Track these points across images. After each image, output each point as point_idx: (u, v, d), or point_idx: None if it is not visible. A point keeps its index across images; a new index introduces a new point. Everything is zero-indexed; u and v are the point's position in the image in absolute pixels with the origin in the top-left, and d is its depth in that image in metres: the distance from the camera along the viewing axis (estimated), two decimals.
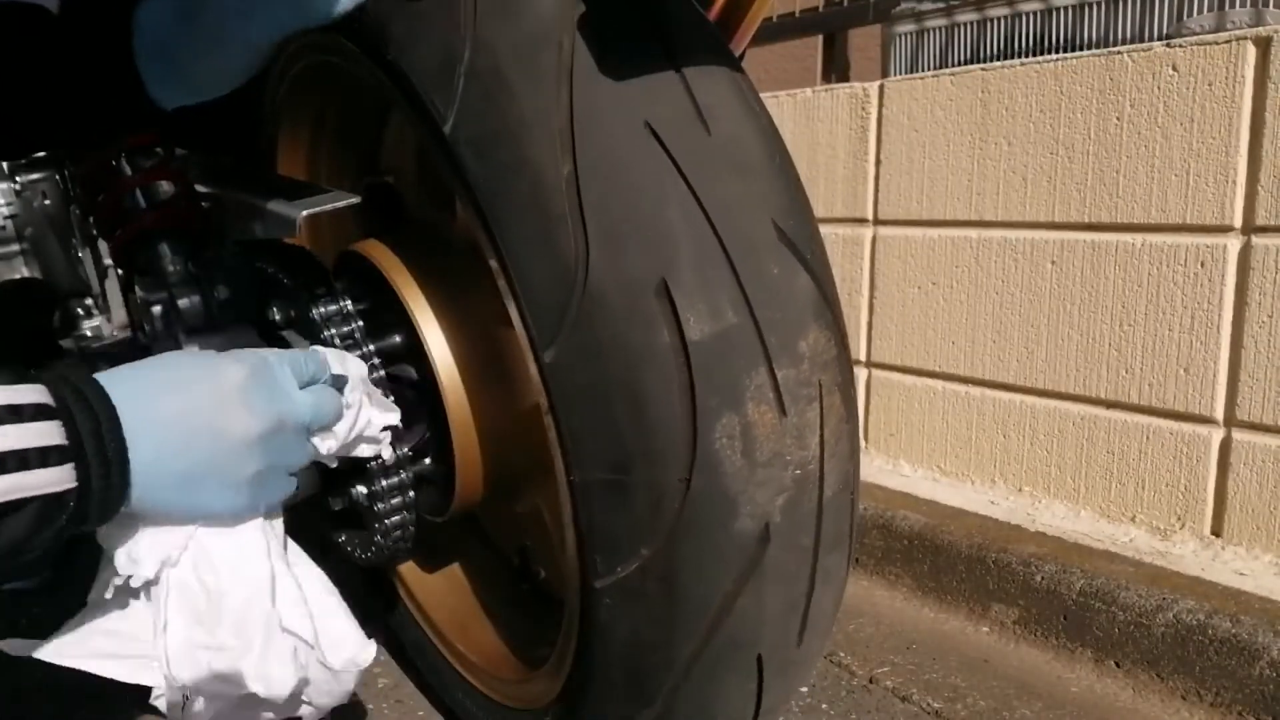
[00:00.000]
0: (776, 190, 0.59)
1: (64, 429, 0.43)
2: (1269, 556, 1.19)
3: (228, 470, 0.49)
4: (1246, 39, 1.16)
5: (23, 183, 0.83)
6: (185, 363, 0.51)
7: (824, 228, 1.68)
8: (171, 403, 0.48)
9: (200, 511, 0.49)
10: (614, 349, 0.55)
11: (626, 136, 0.55)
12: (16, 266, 0.85)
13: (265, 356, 0.54)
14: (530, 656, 0.86)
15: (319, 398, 0.55)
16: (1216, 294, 1.20)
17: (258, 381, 0.51)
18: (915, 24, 3.85)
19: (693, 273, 0.54)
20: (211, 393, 0.49)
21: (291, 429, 0.53)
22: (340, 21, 0.63)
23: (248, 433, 0.50)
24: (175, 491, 0.47)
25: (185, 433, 0.47)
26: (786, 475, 0.57)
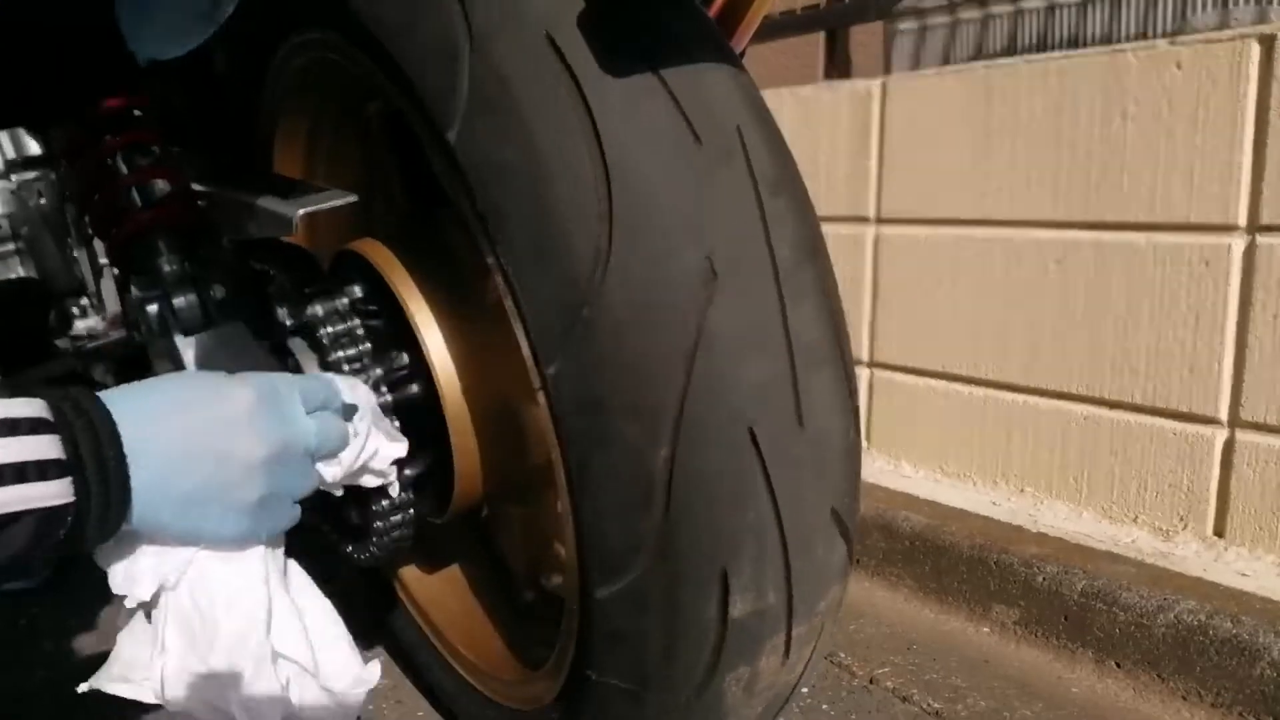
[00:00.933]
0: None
1: (63, 443, 0.42)
2: (1271, 557, 1.19)
3: (231, 495, 0.48)
4: (1251, 37, 1.15)
5: (18, 181, 0.83)
6: (192, 383, 0.51)
7: (825, 226, 1.66)
8: (176, 423, 0.47)
9: (201, 535, 0.49)
10: None
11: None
12: (12, 266, 0.84)
13: (274, 381, 0.53)
14: (530, 657, 0.85)
15: (325, 424, 0.55)
16: (1221, 293, 1.20)
17: (265, 406, 0.51)
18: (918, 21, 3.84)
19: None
20: (218, 415, 0.49)
21: (297, 455, 0.52)
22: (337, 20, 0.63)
23: (252, 457, 0.49)
24: (176, 514, 0.47)
25: (189, 454, 0.47)
26: None
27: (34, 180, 0.84)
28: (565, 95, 0.54)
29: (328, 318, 0.72)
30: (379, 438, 0.60)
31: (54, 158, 0.83)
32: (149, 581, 0.48)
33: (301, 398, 0.54)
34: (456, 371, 0.77)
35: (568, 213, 0.54)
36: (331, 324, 0.72)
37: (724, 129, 0.57)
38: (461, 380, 0.77)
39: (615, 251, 0.53)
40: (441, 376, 0.76)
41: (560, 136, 0.54)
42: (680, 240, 0.54)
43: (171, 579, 0.48)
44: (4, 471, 0.40)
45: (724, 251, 0.54)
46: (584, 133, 0.54)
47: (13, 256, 0.85)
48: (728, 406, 0.54)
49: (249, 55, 0.88)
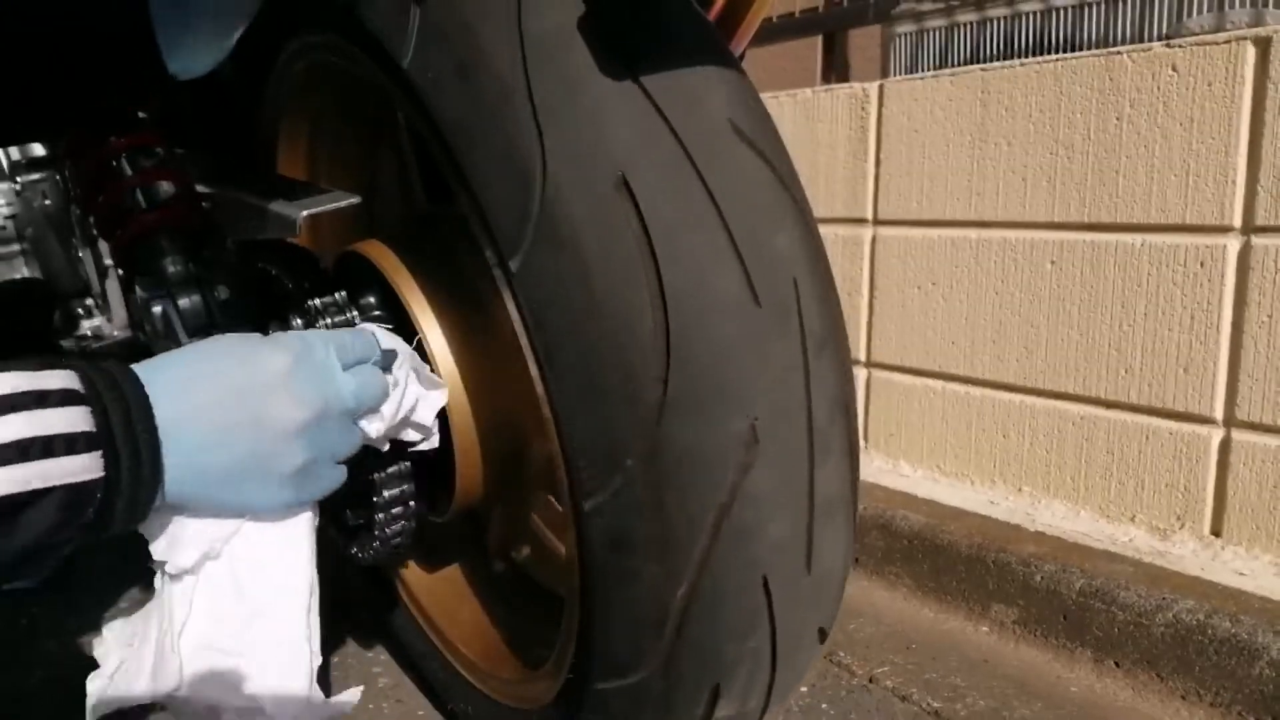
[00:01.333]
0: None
1: (93, 415, 0.40)
2: (1269, 556, 1.19)
3: (271, 465, 0.47)
4: (1246, 39, 1.16)
5: (23, 183, 0.83)
6: (225, 350, 0.48)
7: (823, 228, 1.68)
8: (211, 393, 0.45)
9: (247, 506, 0.47)
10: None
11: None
12: (17, 266, 0.84)
13: (309, 340, 0.51)
14: (530, 656, 0.86)
15: (364, 379, 0.53)
16: (1216, 294, 1.21)
17: (301, 367, 0.49)
18: (915, 24, 3.86)
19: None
20: (252, 382, 0.47)
21: (337, 415, 0.50)
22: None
23: (291, 423, 0.47)
24: (218, 487, 0.45)
25: (226, 425, 0.45)
26: None
27: (39, 182, 0.84)
28: (633, 243, 0.53)
29: (331, 318, 0.73)
30: (418, 387, 0.58)
31: (59, 160, 0.84)
32: (193, 549, 0.46)
33: (337, 353, 0.52)
34: (458, 371, 0.77)
35: (628, 364, 0.54)
36: (334, 323, 0.73)
37: (781, 284, 0.57)
38: (463, 380, 0.77)
39: (668, 411, 0.54)
40: (444, 375, 0.76)
41: (625, 285, 0.53)
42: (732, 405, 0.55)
43: (217, 548, 0.46)
44: (30, 445, 0.38)
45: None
46: (649, 284, 0.53)
47: (18, 257, 0.85)
48: (748, 557, 0.57)
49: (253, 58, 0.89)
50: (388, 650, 1.11)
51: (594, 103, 0.54)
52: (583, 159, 0.54)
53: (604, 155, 0.53)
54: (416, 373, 0.59)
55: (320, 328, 0.71)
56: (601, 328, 0.54)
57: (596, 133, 0.54)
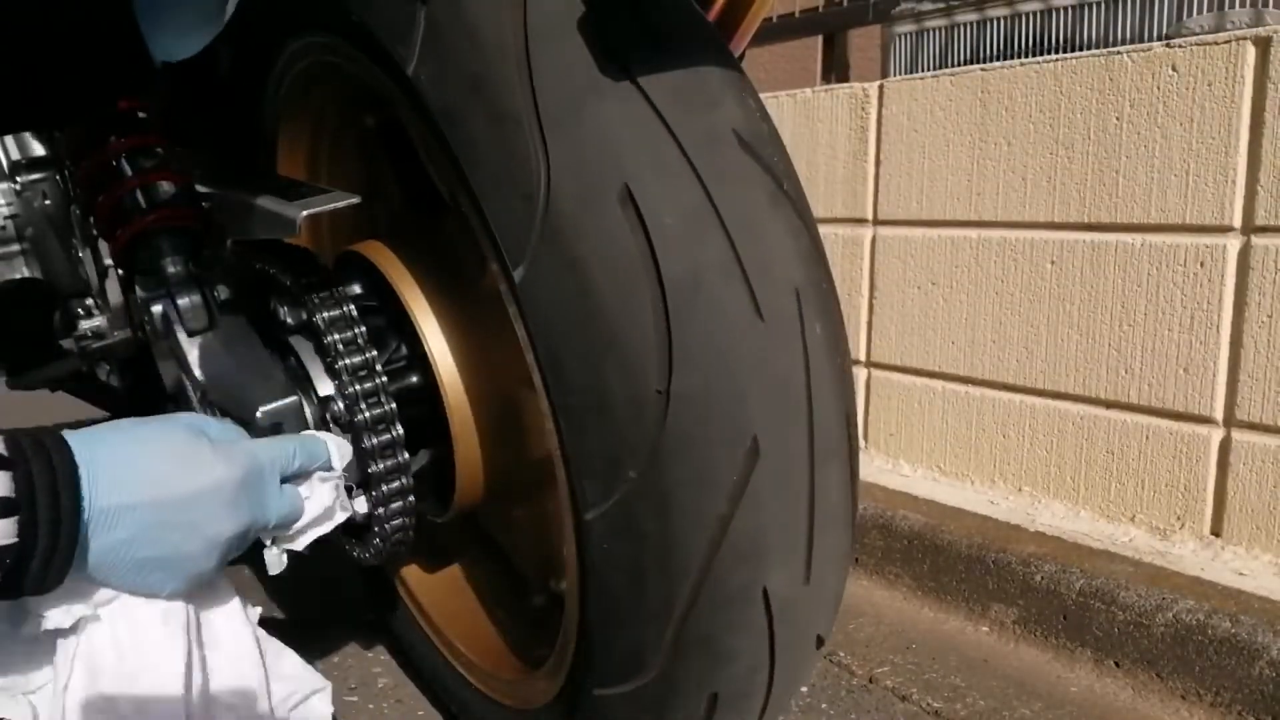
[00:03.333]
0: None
1: (13, 481, 0.41)
2: (1268, 556, 1.19)
3: (188, 564, 0.49)
4: (1246, 39, 1.16)
5: (23, 183, 0.83)
6: (179, 447, 0.49)
7: (823, 228, 1.68)
8: (155, 489, 0.47)
9: (143, 591, 0.48)
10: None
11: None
12: (17, 266, 0.84)
13: (257, 455, 0.53)
14: (530, 656, 0.86)
15: (289, 505, 0.55)
16: (1216, 294, 1.21)
17: (246, 487, 0.51)
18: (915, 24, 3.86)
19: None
20: (199, 488, 0.48)
21: (255, 530, 0.53)
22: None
23: (221, 534, 0.50)
24: (130, 573, 0.47)
25: (162, 522, 0.47)
26: None
27: (39, 182, 0.84)
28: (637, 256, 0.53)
29: (331, 318, 0.73)
30: (334, 510, 0.60)
31: (59, 160, 0.84)
32: (76, 609, 0.47)
33: (280, 470, 0.54)
34: (458, 371, 0.77)
35: (629, 375, 0.54)
36: (334, 324, 0.73)
37: (784, 297, 0.57)
38: (463, 380, 0.77)
39: (669, 422, 0.54)
40: (444, 376, 0.77)
41: (626, 295, 0.54)
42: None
43: (93, 612, 0.47)
44: None
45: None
46: (652, 296, 0.53)
47: (18, 257, 0.85)
48: (748, 568, 0.57)
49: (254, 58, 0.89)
50: (388, 650, 1.11)
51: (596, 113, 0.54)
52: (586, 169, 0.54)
53: (608, 166, 0.54)
54: (340, 495, 0.61)
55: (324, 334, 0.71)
56: (603, 337, 0.54)
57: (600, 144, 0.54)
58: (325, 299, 0.73)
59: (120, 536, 0.45)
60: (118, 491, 0.45)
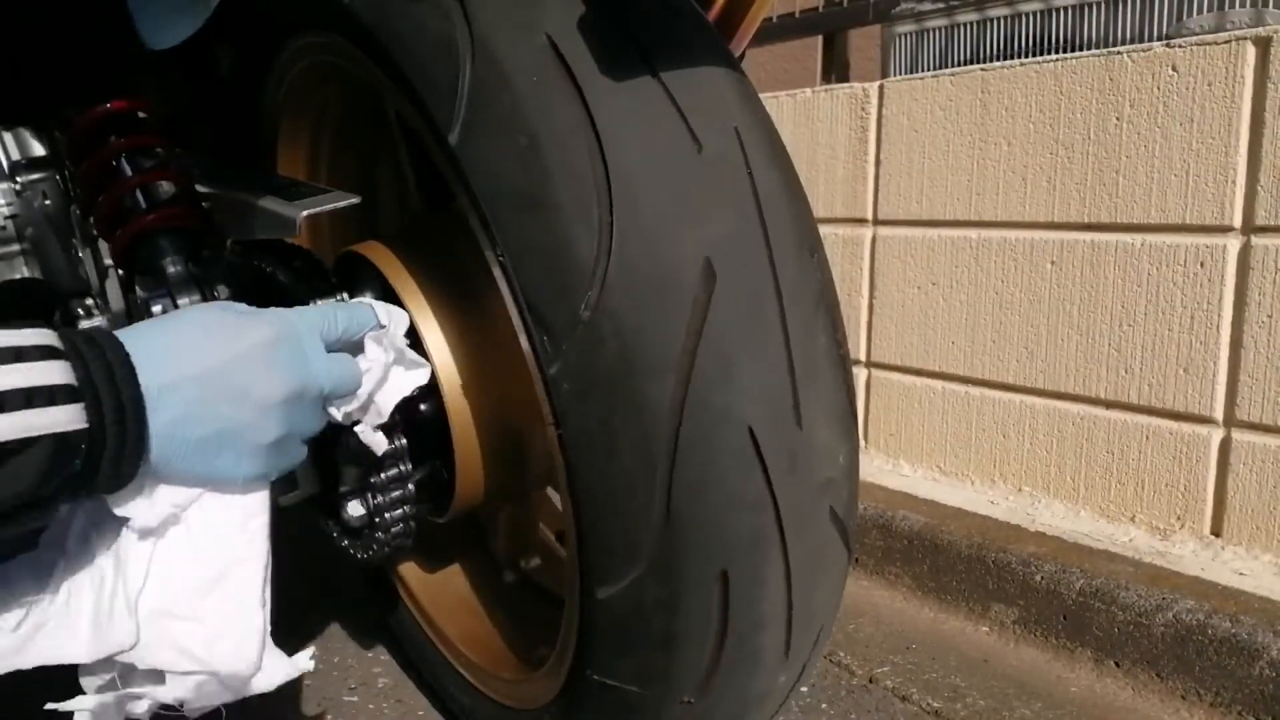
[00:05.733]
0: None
1: (73, 369, 0.40)
2: (1269, 556, 1.19)
3: (249, 436, 0.47)
4: (1246, 39, 1.16)
5: (23, 183, 0.83)
6: (210, 320, 0.49)
7: (824, 228, 1.68)
8: (194, 363, 0.45)
9: (216, 477, 0.47)
10: None
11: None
12: (17, 266, 0.84)
13: (293, 320, 0.52)
14: (530, 656, 0.86)
15: (341, 368, 0.54)
16: (1216, 294, 1.21)
17: (284, 345, 0.50)
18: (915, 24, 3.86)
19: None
20: (236, 354, 0.47)
21: (311, 396, 0.51)
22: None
23: (270, 397, 0.48)
24: (194, 456, 0.45)
25: (209, 396, 0.45)
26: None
27: (39, 182, 0.84)
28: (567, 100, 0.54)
29: None
30: (396, 373, 0.59)
31: (59, 160, 0.84)
32: (162, 508, 0.45)
33: (320, 333, 0.53)
34: (458, 371, 0.77)
35: (569, 213, 0.55)
36: None
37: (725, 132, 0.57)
38: (463, 380, 0.77)
39: (615, 254, 0.53)
40: (443, 376, 0.77)
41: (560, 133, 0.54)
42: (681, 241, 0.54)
43: (176, 513, 0.46)
44: (8, 397, 0.38)
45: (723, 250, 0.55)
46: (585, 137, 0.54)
47: (17, 257, 0.85)
48: (725, 404, 0.54)
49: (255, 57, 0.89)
50: (388, 650, 1.11)
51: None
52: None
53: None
54: (400, 359, 0.60)
55: None
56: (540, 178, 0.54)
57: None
58: (324, 298, 0.73)
59: (171, 416, 0.44)
60: (159, 372, 0.44)
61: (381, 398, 0.59)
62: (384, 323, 0.59)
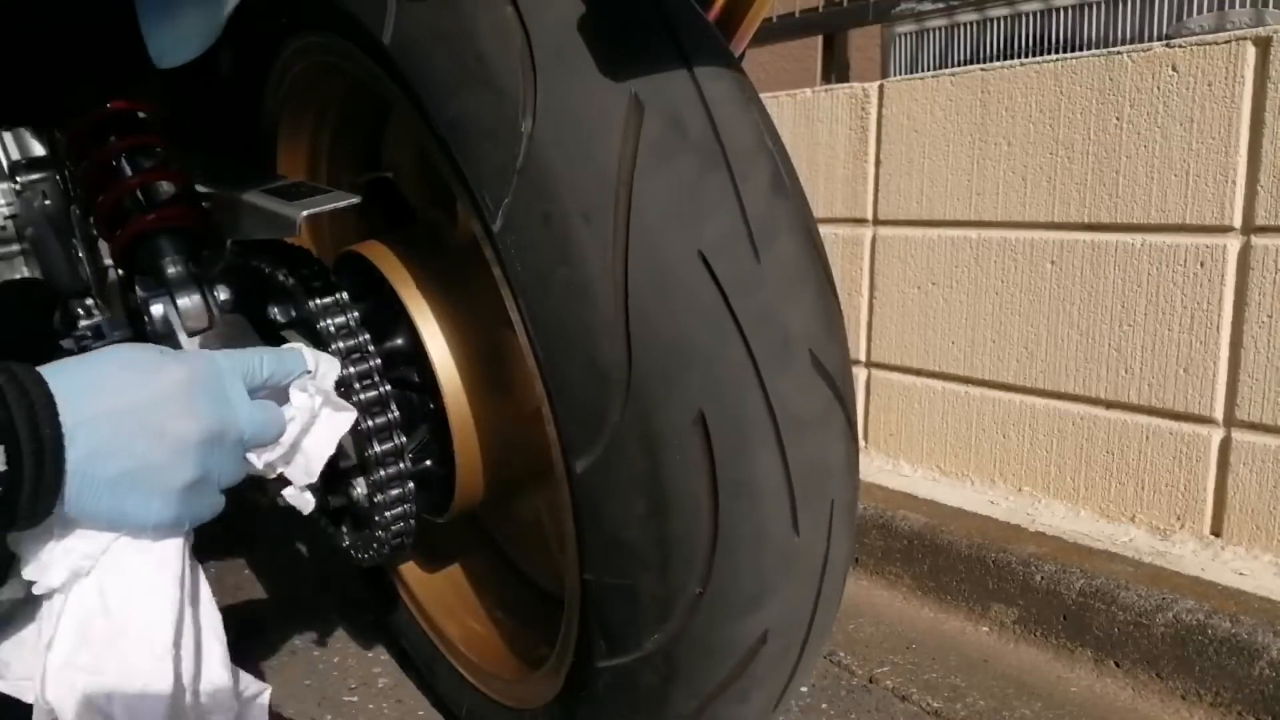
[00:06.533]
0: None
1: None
2: (1269, 556, 1.19)
3: (161, 476, 0.47)
4: (1246, 39, 1.16)
5: (23, 183, 0.83)
6: (129, 359, 0.49)
7: (824, 228, 1.68)
8: (112, 399, 0.45)
9: (126, 520, 0.47)
10: None
11: None
12: (17, 266, 0.85)
13: (214, 359, 0.52)
14: (530, 656, 0.86)
15: (263, 414, 0.53)
16: (1216, 294, 1.21)
17: (202, 384, 0.49)
18: (915, 24, 3.85)
19: None
20: (154, 392, 0.47)
21: (230, 441, 0.51)
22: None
23: (186, 437, 0.47)
24: (105, 495, 0.45)
25: (123, 432, 0.45)
26: None
27: (39, 182, 0.84)
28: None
29: (330, 317, 0.73)
30: (322, 418, 0.58)
31: (59, 160, 0.84)
32: (62, 566, 0.45)
33: (242, 377, 0.52)
34: (458, 371, 0.77)
35: None
36: (334, 323, 0.73)
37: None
38: (463, 380, 0.77)
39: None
40: (443, 376, 0.77)
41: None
42: None
43: (85, 566, 0.46)
44: None
45: None
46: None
47: (17, 257, 0.85)
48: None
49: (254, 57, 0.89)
50: (388, 650, 1.11)
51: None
52: None
53: None
54: (329, 406, 0.59)
55: (323, 333, 0.71)
56: None
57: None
58: (324, 300, 0.73)
59: (85, 452, 0.44)
60: (77, 409, 0.44)
61: (311, 447, 0.58)
62: (310, 369, 0.58)
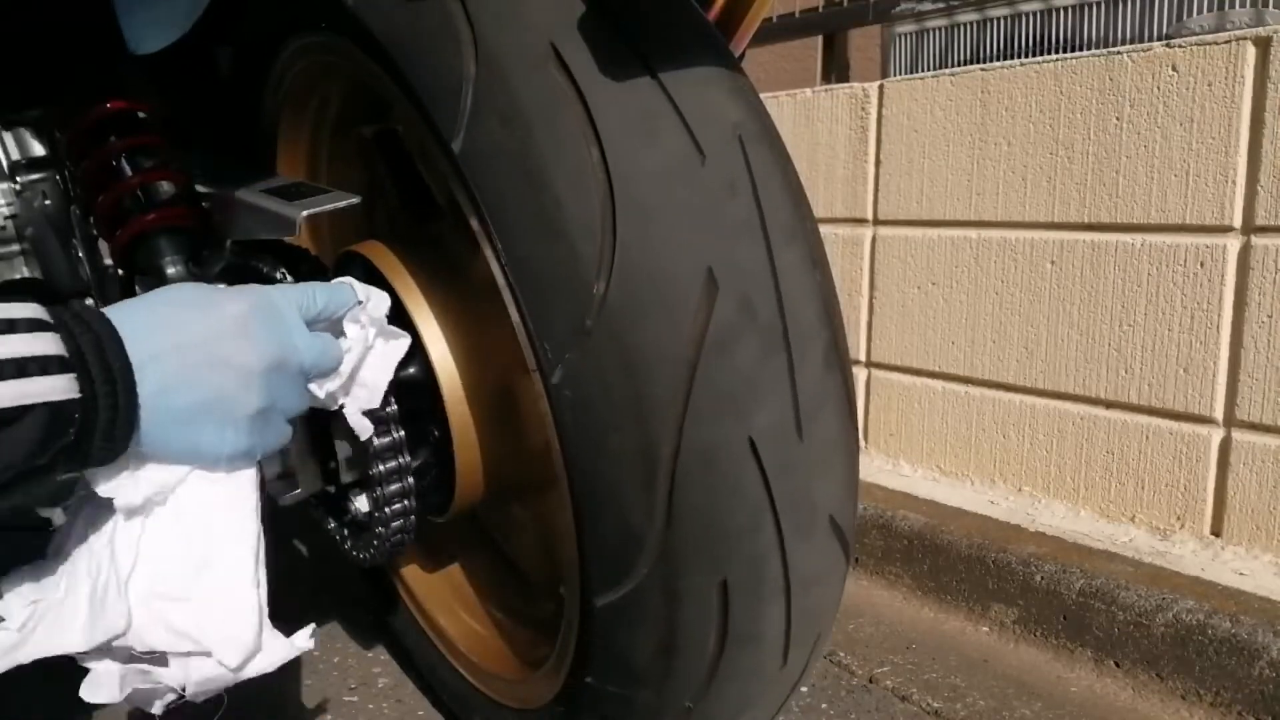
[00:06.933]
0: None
1: (63, 341, 0.41)
2: (1269, 556, 1.19)
3: (230, 406, 0.48)
4: (1246, 39, 1.16)
5: (23, 183, 0.83)
6: (188, 296, 0.50)
7: (824, 228, 1.68)
8: (173, 336, 0.46)
9: (201, 451, 0.47)
10: None
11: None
12: (17, 266, 0.85)
13: (269, 294, 0.53)
14: (530, 656, 0.86)
15: (321, 343, 0.55)
16: (1216, 294, 1.21)
17: (261, 315, 0.50)
18: (915, 24, 3.86)
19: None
20: (214, 326, 0.48)
21: (292, 370, 0.52)
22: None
23: (250, 366, 0.48)
24: (178, 428, 0.46)
25: (190, 365, 0.46)
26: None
27: (39, 182, 0.84)
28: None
29: None
30: (377, 347, 0.59)
31: (59, 160, 0.84)
32: (145, 487, 0.46)
33: (298, 308, 0.53)
34: (458, 372, 0.77)
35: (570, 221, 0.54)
36: None
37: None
38: (463, 380, 0.77)
39: (618, 266, 0.53)
40: (443, 376, 0.77)
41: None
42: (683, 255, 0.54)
43: (161, 496, 0.46)
44: (2, 366, 0.38)
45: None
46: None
47: (18, 257, 0.85)
48: (728, 416, 0.55)
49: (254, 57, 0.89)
50: (388, 650, 1.11)
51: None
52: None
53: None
54: (382, 335, 0.60)
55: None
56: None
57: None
58: None
59: (156, 386, 0.44)
60: (144, 344, 0.44)
61: (369, 376, 0.59)
62: (362, 300, 0.59)
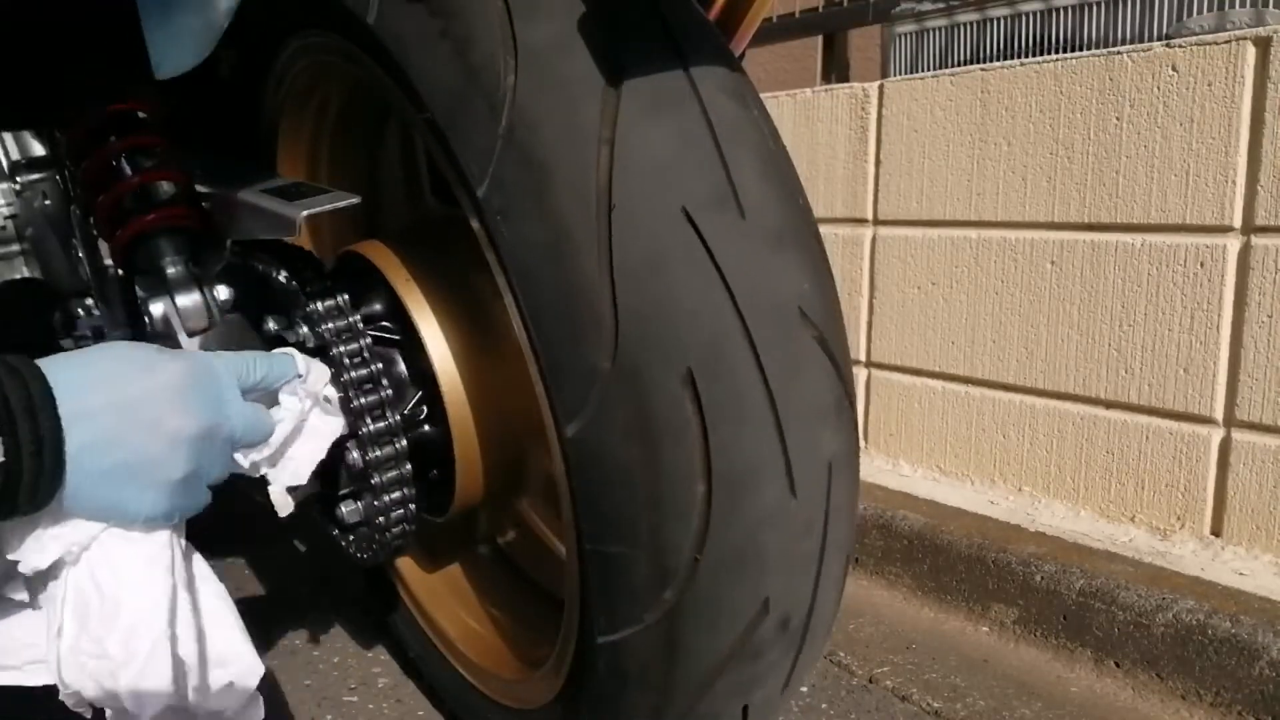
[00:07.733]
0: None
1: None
2: (1269, 556, 1.19)
3: (156, 469, 0.48)
4: (1246, 39, 1.16)
5: (23, 183, 0.83)
6: (125, 355, 0.50)
7: (824, 228, 1.68)
8: (111, 393, 0.47)
9: (119, 511, 0.48)
10: None
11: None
12: (17, 266, 0.85)
13: (209, 359, 0.53)
14: (530, 656, 0.86)
15: (253, 413, 0.55)
16: (1216, 294, 1.21)
17: (198, 381, 0.51)
18: (915, 24, 3.86)
19: None
20: (152, 387, 0.48)
21: (220, 438, 0.52)
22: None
23: (181, 431, 0.49)
24: (101, 487, 0.46)
25: (121, 425, 0.46)
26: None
27: (39, 182, 0.84)
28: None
29: (330, 318, 0.73)
30: (311, 423, 0.59)
31: (59, 160, 0.84)
32: (52, 550, 0.47)
33: (236, 377, 0.54)
34: (458, 371, 0.77)
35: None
36: (333, 324, 0.73)
37: None
38: (463, 380, 0.77)
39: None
40: (443, 376, 0.77)
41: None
42: None
43: (75, 553, 0.47)
44: None
45: None
46: None
47: (18, 257, 0.85)
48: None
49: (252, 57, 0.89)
50: (388, 650, 1.11)
51: None
52: None
53: None
54: (316, 399, 0.60)
55: (323, 334, 0.71)
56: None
57: None
58: (324, 298, 0.73)
59: (82, 443, 0.45)
60: (75, 401, 0.45)
61: (300, 450, 0.60)
62: (302, 374, 0.60)
